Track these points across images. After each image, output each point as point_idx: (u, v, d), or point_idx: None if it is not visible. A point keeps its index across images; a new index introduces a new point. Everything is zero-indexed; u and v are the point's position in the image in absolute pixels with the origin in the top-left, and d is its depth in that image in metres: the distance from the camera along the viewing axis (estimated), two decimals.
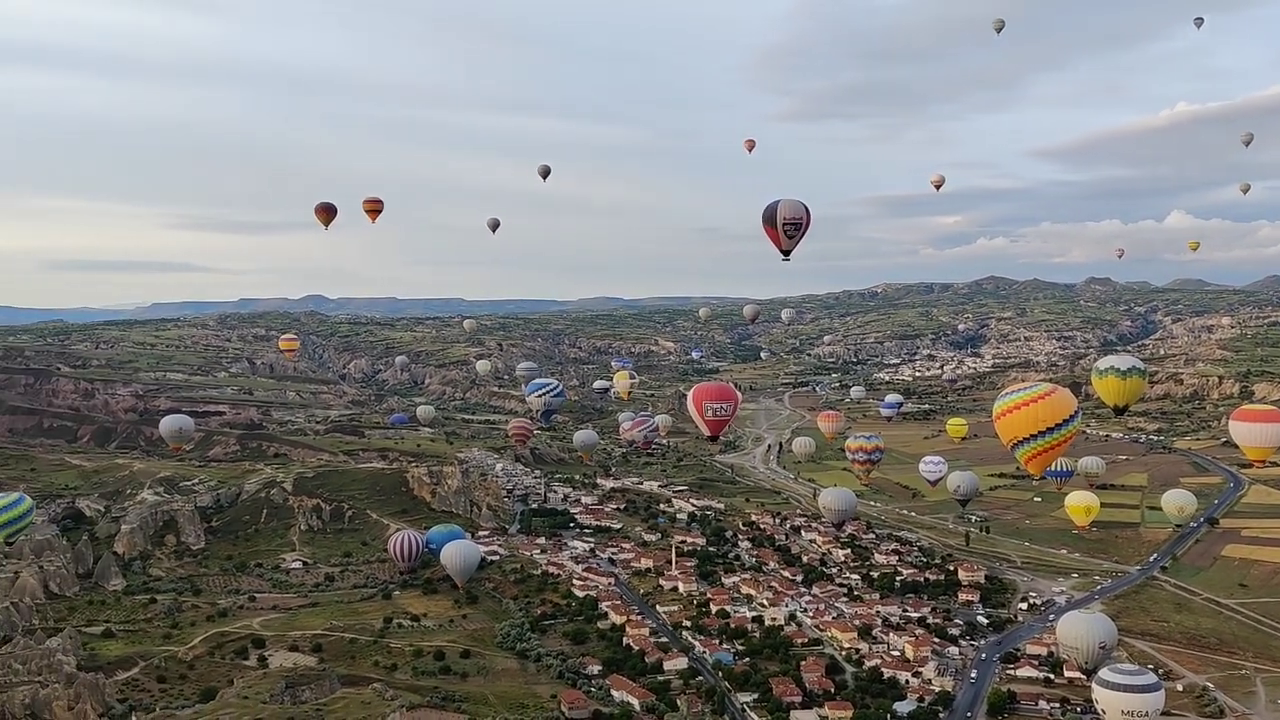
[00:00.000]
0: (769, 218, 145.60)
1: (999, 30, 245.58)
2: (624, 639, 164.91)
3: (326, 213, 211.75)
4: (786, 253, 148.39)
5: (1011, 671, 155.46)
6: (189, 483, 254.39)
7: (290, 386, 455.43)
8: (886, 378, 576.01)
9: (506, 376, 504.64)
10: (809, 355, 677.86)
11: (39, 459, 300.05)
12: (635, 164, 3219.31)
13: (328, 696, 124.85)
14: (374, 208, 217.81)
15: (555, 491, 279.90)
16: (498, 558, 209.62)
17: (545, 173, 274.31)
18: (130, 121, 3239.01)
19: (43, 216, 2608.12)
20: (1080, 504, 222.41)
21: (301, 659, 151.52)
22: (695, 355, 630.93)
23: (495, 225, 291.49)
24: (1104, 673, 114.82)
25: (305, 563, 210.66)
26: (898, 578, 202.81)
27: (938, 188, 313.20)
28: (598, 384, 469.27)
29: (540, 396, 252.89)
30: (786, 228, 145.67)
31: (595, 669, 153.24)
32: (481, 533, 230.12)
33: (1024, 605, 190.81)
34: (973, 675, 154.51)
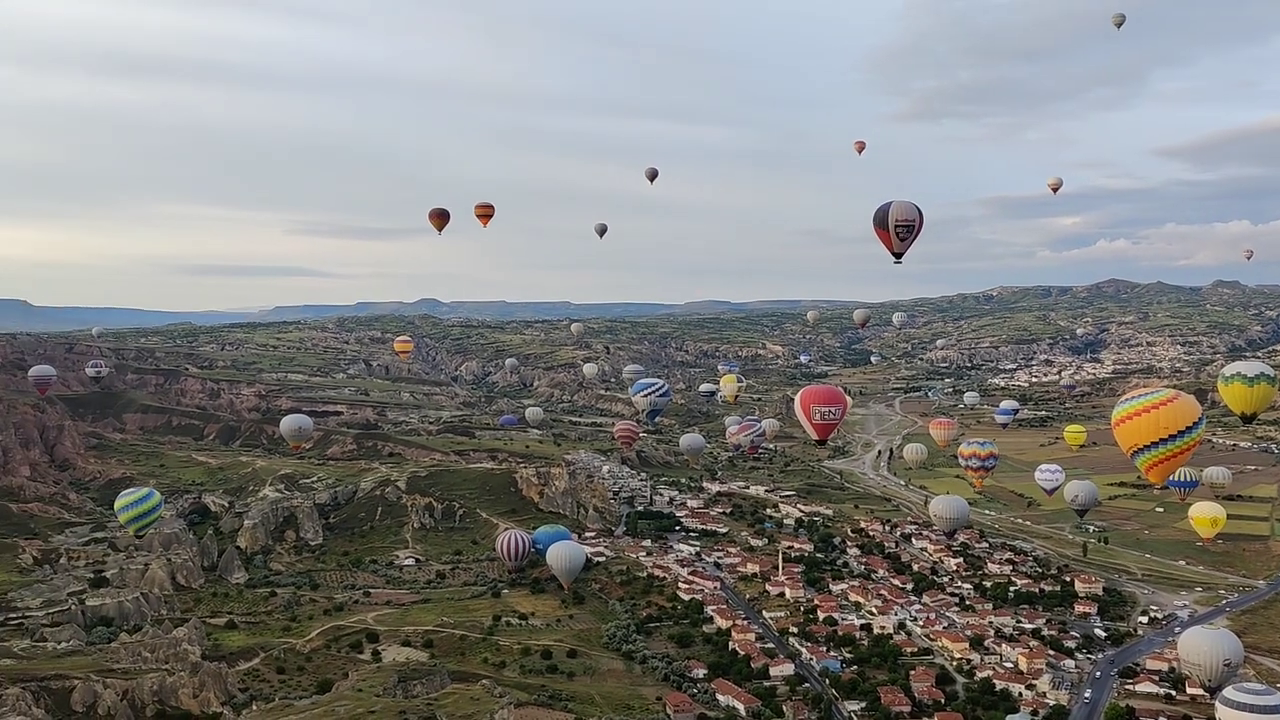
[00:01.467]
0: (880, 219, 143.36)
1: (1119, 25, 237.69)
2: (729, 643, 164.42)
3: (440, 218, 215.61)
4: (898, 255, 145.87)
5: (1130, 687, 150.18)
6: (308, 480, 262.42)
7: (404, 388, 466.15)
8: (1001, 383, 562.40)
9: (613, 379, 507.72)
10: (921, 360, 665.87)
11: (168, 456, 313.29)
12: (744, 166, 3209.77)
13: (438, 691, 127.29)
14: (486, 212, 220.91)
15: (661, 494, 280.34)
16: (604, 559, 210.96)
17: (653, 175, 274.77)
18: (256, 131, 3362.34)
19: (174, 223, 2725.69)
20: (1205, 515, 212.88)
21: (413, 654, 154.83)
22: (803, 359, 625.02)
23: (603, 230, 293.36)
24: (1229, 692, 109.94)
25: (417, 560, 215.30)
26: (1011, 588, 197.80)
27: (1055, 190, 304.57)
28: (704, 387, 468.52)
29: (646, 396, 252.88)
30: (899, 229, 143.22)
31: (700, 673, 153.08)
32: (588, 534, 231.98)
33: (1144, 619, 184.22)
34: (1088, 690, 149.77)
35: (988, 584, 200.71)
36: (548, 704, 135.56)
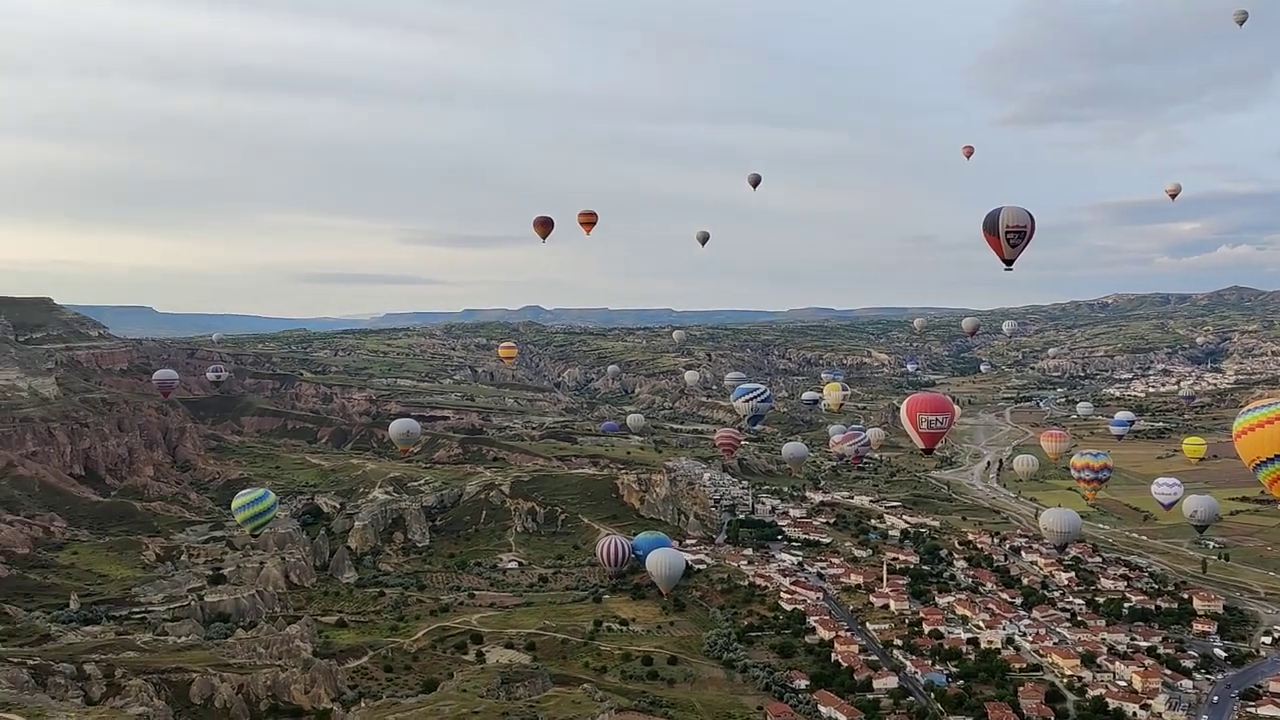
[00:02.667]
0: (990, 225, 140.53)
1: (1241, 23, 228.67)
2: (832, 654, 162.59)
3: (544, 226, 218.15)
4: (1009, 262, 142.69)
5: (1252, 709, 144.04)
6: (416, 483, 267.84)
7: (508, 393, 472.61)
8: (1117, 394, 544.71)
9: (715, 387, 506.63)
10: (1032, 369, 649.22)
11: (283, 458, 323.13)
12: (849, 171, 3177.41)
13: (540, 694, 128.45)
14: (589, 220, 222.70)
15: (763, 503, 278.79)
16: (704, 567, 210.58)
17: (755, 181, 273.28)
18: (370, 143, 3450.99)
19: (293, 232, 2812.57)
20: None
21: (516, 656, 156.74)
22: (910, 367, 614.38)
23: (705, 238, 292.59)
24: None
25: (520, 563, 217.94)
26: (1126, 604, 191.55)
27: (1173, 197, 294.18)
28: (807, 395, 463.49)
29: (747, 401, 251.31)
30: (1009, 236, 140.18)
31: (802, 683, 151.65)
32: (688, 541, 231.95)
33: (1267, 639, 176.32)
34: (1207, 712, 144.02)
35: (1100, 600, 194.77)
36: (648, 710, 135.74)
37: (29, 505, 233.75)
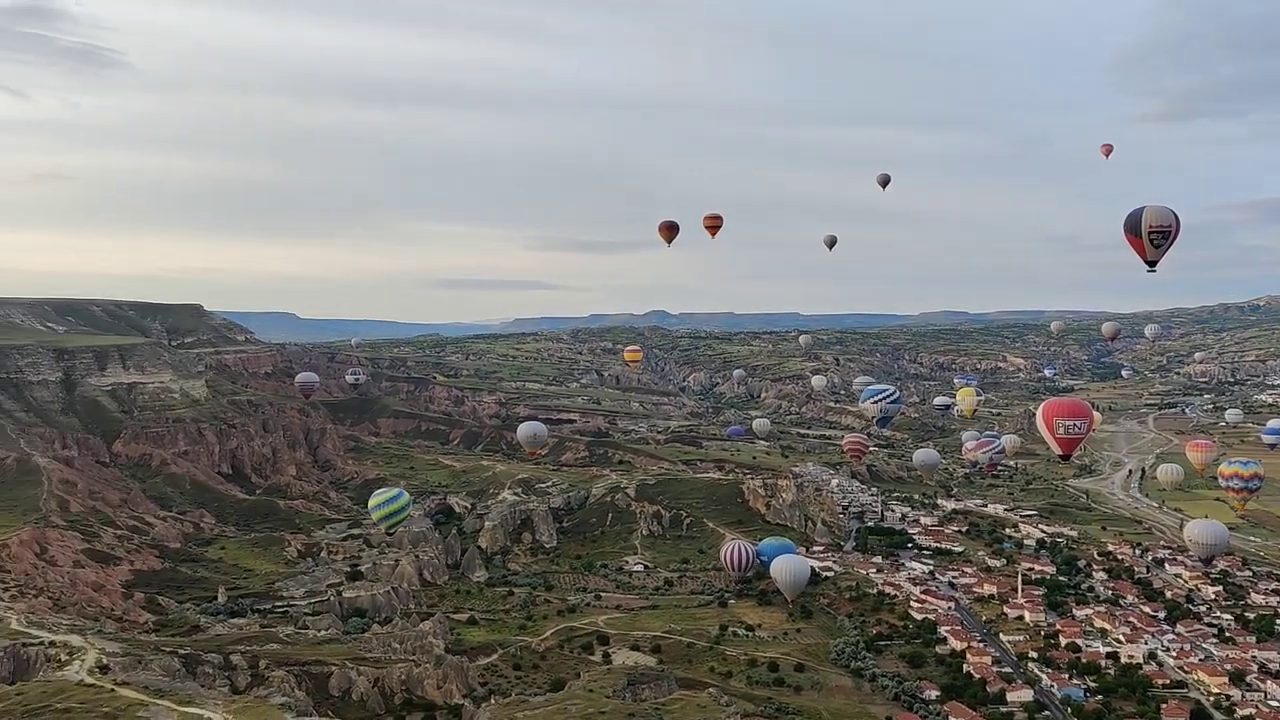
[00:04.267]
0: (1132, 226, 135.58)
1: None
2: (964, 665, 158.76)
3: (669, 230, 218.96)
4: (1152, 263, 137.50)
5: None
6: (543, 485, 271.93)
7: (634, 397, 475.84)
8: (1269, 400, 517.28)
9: (843, 391, 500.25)
10: (1177, 374, 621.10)
11: (417, 459, 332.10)
12: (982, 171, 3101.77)
13: (666, 697, 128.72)
14: (714, 224, 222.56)
15: (893, 510, 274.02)
16: (832, 574, 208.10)
17: (885, 182, 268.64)
18: (499, 151, 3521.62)
19: (426, 240, 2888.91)
20: None
21: (642, 658, 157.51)
22: (1047, 372, 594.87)
23: (832, 243, 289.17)
24: None
25: (646, 566, 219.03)
26: (1278, 621, 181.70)
27: None
28: (938, 400, 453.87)
29: (876, 403, 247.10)
30: (1152, 236, 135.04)
31: (933, 694, 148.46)
32: (815, 547, 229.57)
33: None
34: None
35: (1250, 615, 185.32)
36: (774, 716, 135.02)
37: (180, 502, 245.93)
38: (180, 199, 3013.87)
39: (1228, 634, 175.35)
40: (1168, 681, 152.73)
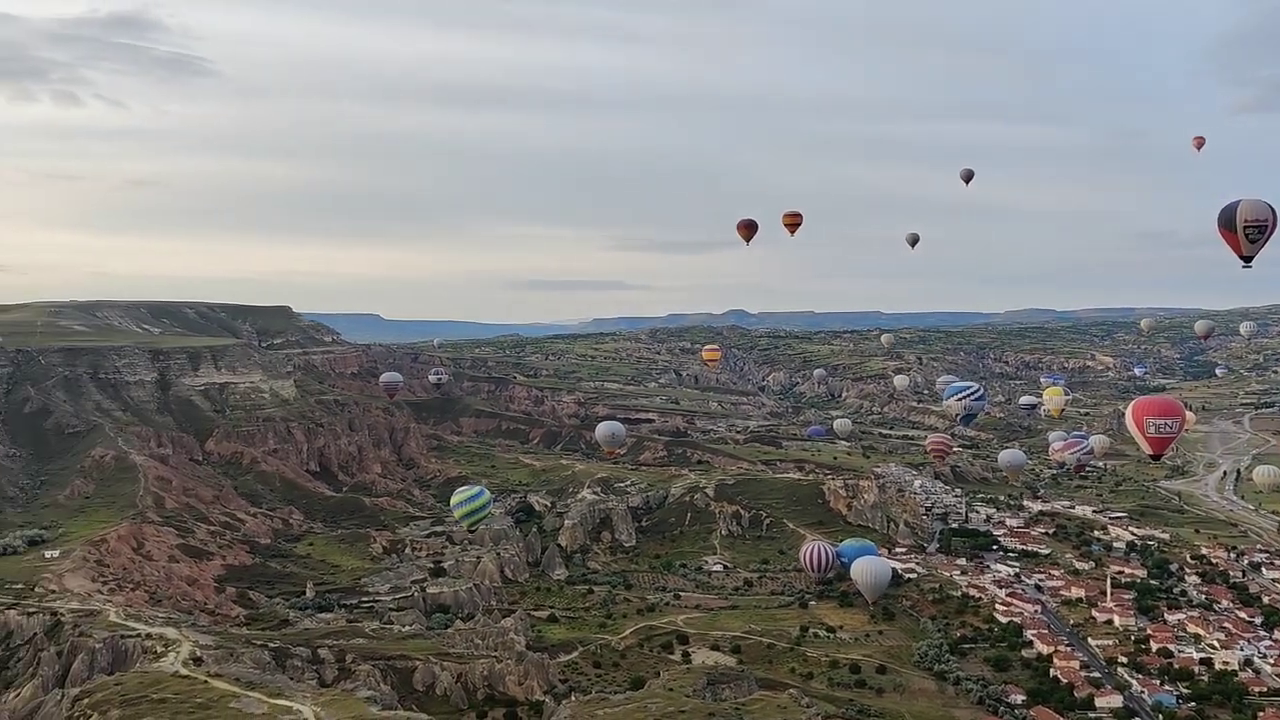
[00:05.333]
0: (1227, 220, 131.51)
1: None
2: (1050, 670, 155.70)
3: (748, 229, 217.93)
4: (1248, 259, 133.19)
5: None
6: (622, 484, 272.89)
7: (713, 397, 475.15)
8: None
9: (925, 391, 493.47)
10: (1275, 373, 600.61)
11: (498, 457, 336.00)
12: (1069, 166, 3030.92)
13: (746, 697, 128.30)
14: (793, 221, 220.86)
15: (977, 511, 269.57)
16: (914, 575, 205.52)
17: (968, 177, 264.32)
18: (576, 152, 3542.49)
19: (506, 242, 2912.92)
20: None
21: (721, 658, 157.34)
22: (1138, 371, 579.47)
23: (914, 240, 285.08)
24: None
25: (726, 566, 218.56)
26: None
27: None
28: (1024, 400, 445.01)
29: (960, 400, 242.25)
30: (1248, 230, 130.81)
31: (1018, 698, 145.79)
32: (898, 549, 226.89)
33: None
34: None
35: None
36: (856, 718, 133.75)
37: (270, 499, 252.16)
38: (269, 203, 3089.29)
39: None
40: (1265, 689, 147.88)
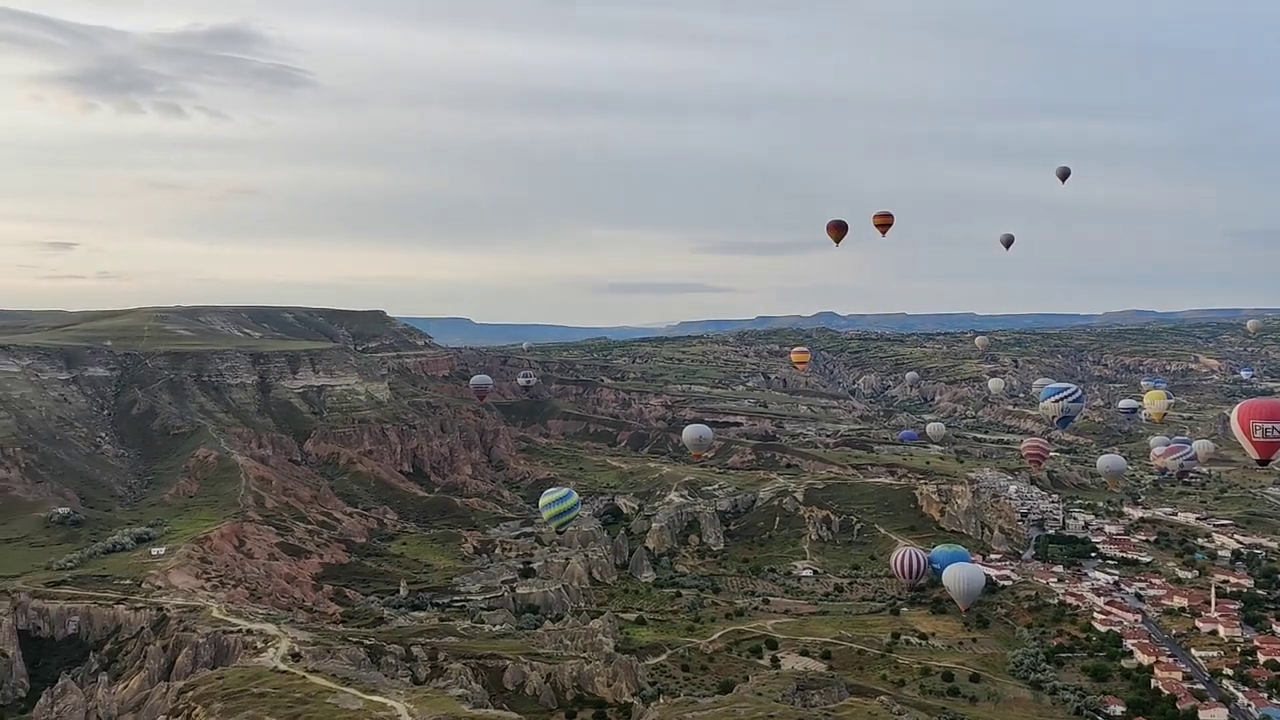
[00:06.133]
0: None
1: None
2: (1151, 681, 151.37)
3: (838, 229, 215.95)
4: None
5: None
6: (710, 487, 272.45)
7: (802, 400, 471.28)
8: None
9: (1021, 394, 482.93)
10: None
11: (586, 459, 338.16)
12: (1173, 162, 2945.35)
13: (836, 703, 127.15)
14: (884, 222, 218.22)
15: (1075, 518, 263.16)
16: (1009, 583, 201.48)
17: (1064, 175, 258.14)
18: (663, 155, 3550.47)
19: (594, 245, 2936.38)
20: None
21: (811, 664, 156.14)
22: (1244, 374, 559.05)
23: (1009, 241, 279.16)
24: None
25: (815, 571, 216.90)
26: None
27: None
28: (1124, 404, 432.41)
29: (1057, 401, 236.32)
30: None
31: (1117, 709, 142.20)
32: (992, 556, 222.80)
33: None
34: None
35: None
36: None
37: (365, 499, 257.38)
38: (364, 210, 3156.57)
39: None
40: None
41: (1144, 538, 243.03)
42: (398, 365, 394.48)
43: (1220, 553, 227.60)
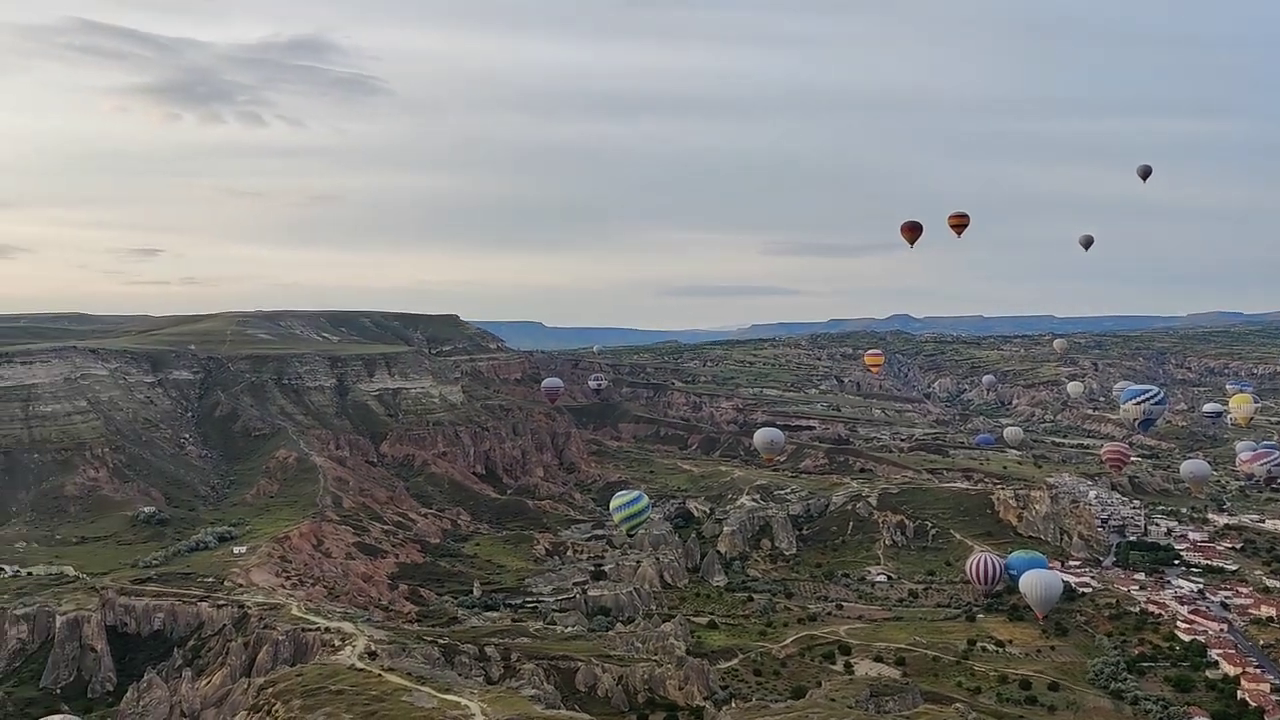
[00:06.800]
0: None
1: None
2: (1238, 693, 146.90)
3: (912, 230, 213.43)
4: None
5: None
6: (782, 491, 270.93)
7: (875, 404, 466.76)
8: None
9: (1102, 399, 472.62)
10: None
11: (656, 463, 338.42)
12: (1262, 159, 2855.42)
13: (910, 710, 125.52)
14: (960, 222, 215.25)
15: (1157, 524, 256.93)
16: (1089, 590, 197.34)
17: (1145, 173, 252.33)
18: (732, 156, 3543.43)
19: (663, 248, 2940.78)
20: None
21: (885, 670, 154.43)
22: None
23: (1088, 243, 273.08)
24: None
25: (889, 577, 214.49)
26: None
27: None
28: (1208, 407, 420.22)
29: (1138, 404, 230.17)
30: None
31: None
32: (1071, 562, 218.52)
33: None
34: None
35: None
36: None
37: (439, 500, 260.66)
38: (438, 215, 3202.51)
39: None
40: None
41: (1230, 545, 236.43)
42: (471, 368, 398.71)
43: None
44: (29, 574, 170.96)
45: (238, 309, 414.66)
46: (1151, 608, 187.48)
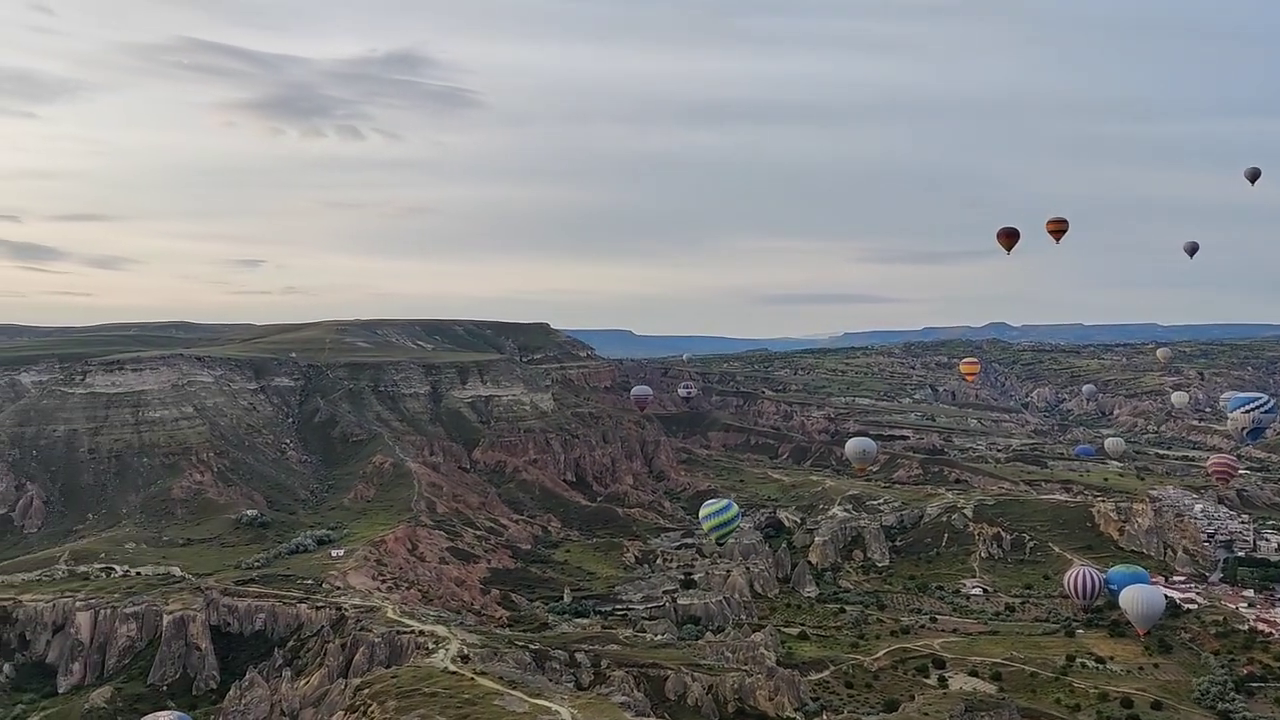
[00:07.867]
0: None
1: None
2: None
3: (1009, 237, 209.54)
4: None
5: None
6: (875, 502, 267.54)
7: (971, 414, 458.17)
8: None
9: (1207, 409, 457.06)
10: None
11: (746, 472, 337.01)
12: None
13: None
14: (1058, 228, 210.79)
15: (1267, 539, 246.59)
16: (1195, 607, 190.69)
17: (1254, 176, 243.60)
18: (823, 163, 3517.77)
19: (754, 256, 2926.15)
20: None
21: (980, 685, 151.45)
22: None
23: (1193, 250, 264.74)
24: None
25: (985, 590, 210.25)
26: None
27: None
28: None
29: (1247, 412, 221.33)
30: None
31: None
32: (1176, 578, 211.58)
33: None
34: None
35: None
36: None
37: (530, 506, 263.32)
38: (529, 224, 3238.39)
39: None
40: None
41: None
42: (561, 376, 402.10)
43: None
44: (138, 574, 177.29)
45: (337, 317, 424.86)
46: (1261, 626, 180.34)
